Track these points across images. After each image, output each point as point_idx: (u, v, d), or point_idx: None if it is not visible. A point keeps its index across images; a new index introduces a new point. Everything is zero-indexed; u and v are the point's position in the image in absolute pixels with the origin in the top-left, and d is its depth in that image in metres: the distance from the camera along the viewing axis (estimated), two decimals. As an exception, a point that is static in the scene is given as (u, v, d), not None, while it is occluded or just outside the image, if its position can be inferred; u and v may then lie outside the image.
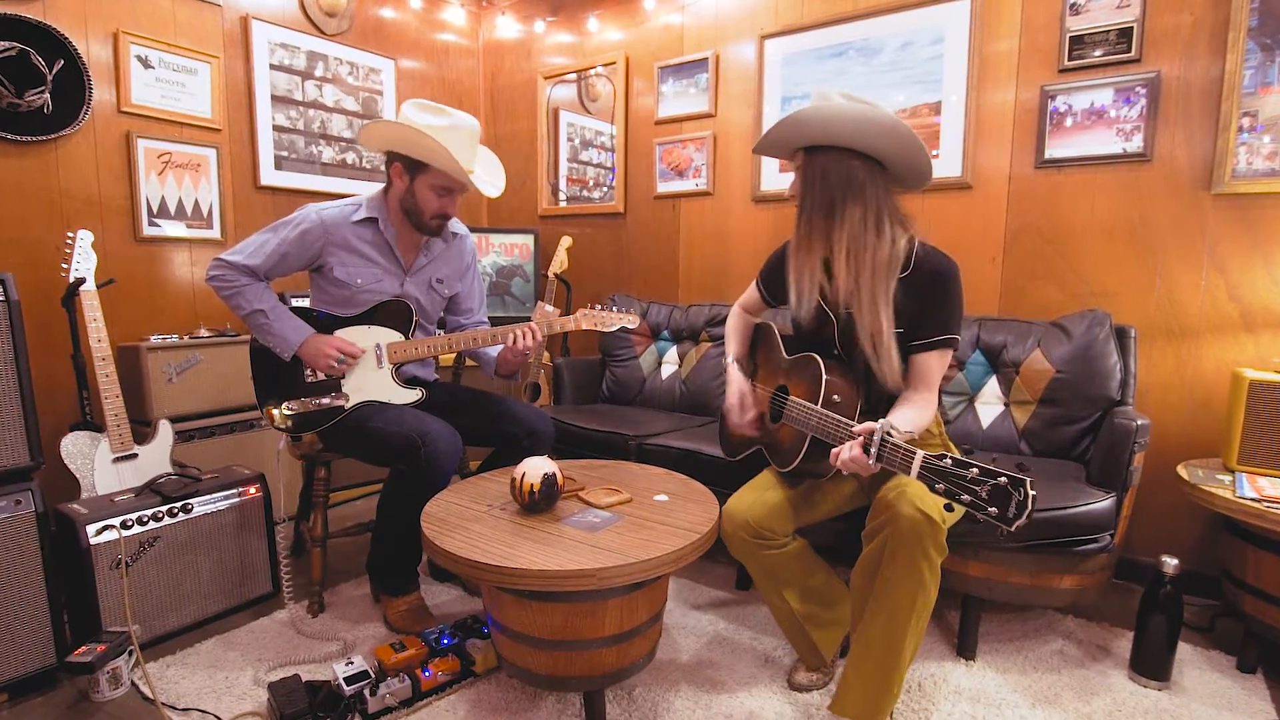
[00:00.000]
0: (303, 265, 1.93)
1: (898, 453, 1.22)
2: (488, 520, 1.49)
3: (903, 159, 1.44)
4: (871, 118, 1.38)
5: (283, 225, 1.90)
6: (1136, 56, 2.15)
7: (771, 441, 1.67)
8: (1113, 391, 1.97)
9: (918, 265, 1.46)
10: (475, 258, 2.20)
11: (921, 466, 1.17)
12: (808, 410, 1.48)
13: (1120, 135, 2.19)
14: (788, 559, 1.56)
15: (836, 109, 1.39)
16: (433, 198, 1.89)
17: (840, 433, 1.36)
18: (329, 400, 1.87)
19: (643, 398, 2.90)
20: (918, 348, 1.47)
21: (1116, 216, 2.23)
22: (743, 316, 1.92)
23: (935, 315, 1.46)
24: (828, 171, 1.43)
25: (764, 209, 2.93)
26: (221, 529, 1.97)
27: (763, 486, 1.59)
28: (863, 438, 1.27)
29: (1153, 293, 2.19)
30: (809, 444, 1.49)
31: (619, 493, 1.64)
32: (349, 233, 1.91)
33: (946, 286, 1.46)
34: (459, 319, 2.21)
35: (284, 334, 1.85)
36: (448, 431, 1.79)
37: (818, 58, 2.70)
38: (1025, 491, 1.04)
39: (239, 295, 1.85)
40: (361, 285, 1.93)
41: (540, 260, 3.51)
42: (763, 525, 1.51)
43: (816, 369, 1.51)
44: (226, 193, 2.81)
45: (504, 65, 3.78)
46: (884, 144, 1.41)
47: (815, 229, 1.47)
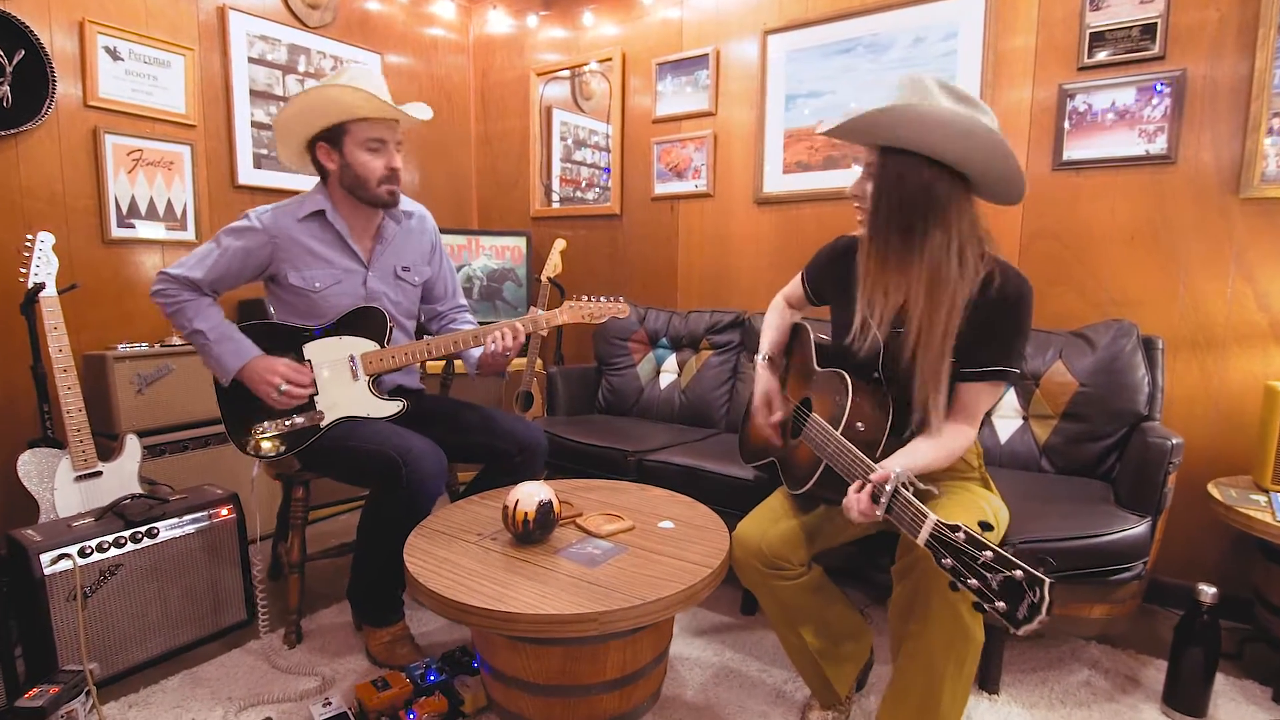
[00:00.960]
0: (252, 275, 1.79)
1: (908, 510, 1.09)
2: (477, 553, 1.36)
3: (995, 179, 1.25)
4: (969, 129, 1.17)
5: (225, 233, 1.76)
6: (1160, 54, 2.05)
7: (786, 458, 1.55)
8: (1140, 406, 1.87)
9: (987, 286, 1.27)
10: (439, 237, 2.06)
11: (931, 534, 1.04)
12: (826, 435, 1.35)
13: (1143, 136, 2.09)
14: (803, 590, 1.44)
15: (933, 113, 1.16)
16: (369, 159, 1.73)
17: (855, 469, 1.23)
18: (304, 419, 1.74)
19: (640, 408, 2.78)
20: (971, 375, 1.30)
21: (1138, 221, 2.13)
22: (784, 310, 1.76)
23: (997, 343, 1.28)
24: (904, 181, 1.23)
25: (767, 211, 2.81)
26: (191, 555, 1.83)
27: (777, 511, 1.47)
28: (873, 484, 1.15)
29: (1177, 301, 2.09)
30: (822, 471, 1.37)
31: (620, 519, 1.52)
32: (297, 232, 1.77)
33: (1017, 313, 1.28)
34: (435, 307, 2.09)
35: (221, 358, 1.70)
36: (431, 450, 1.66)
37: (824, 54, 2.59)
38: (1041, 594, 0.91)
39: (179, 313, 1.72)
40: (321, 289, 1.79)
41: (533, 264, 3.38)
42: (777, 554, 1.39)
43: (843, 390, 1.38)
44: (202, 192, 2.66)
45: (495, 62, 3.65)
46: (978, 162, 1.21)
47: (891, 250, 1.27)
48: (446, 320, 2.09)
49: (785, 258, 2.78)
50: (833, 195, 2.62)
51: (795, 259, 2.75)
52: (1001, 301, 1.27)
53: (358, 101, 1.67)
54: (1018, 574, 0.92)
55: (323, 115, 1.70)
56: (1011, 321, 1.28)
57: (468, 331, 1.82)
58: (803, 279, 1.71)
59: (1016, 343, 1.30)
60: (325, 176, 1.81)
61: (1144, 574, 1.60)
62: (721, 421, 2.59)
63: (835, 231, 2.66)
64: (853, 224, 2.20)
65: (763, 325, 1.78)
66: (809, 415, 1.47)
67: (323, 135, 1.74)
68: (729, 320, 2.68)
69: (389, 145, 1.76)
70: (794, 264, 2.75)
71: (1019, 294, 1.28)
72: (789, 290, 1.77)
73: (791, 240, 2.76)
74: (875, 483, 1.15)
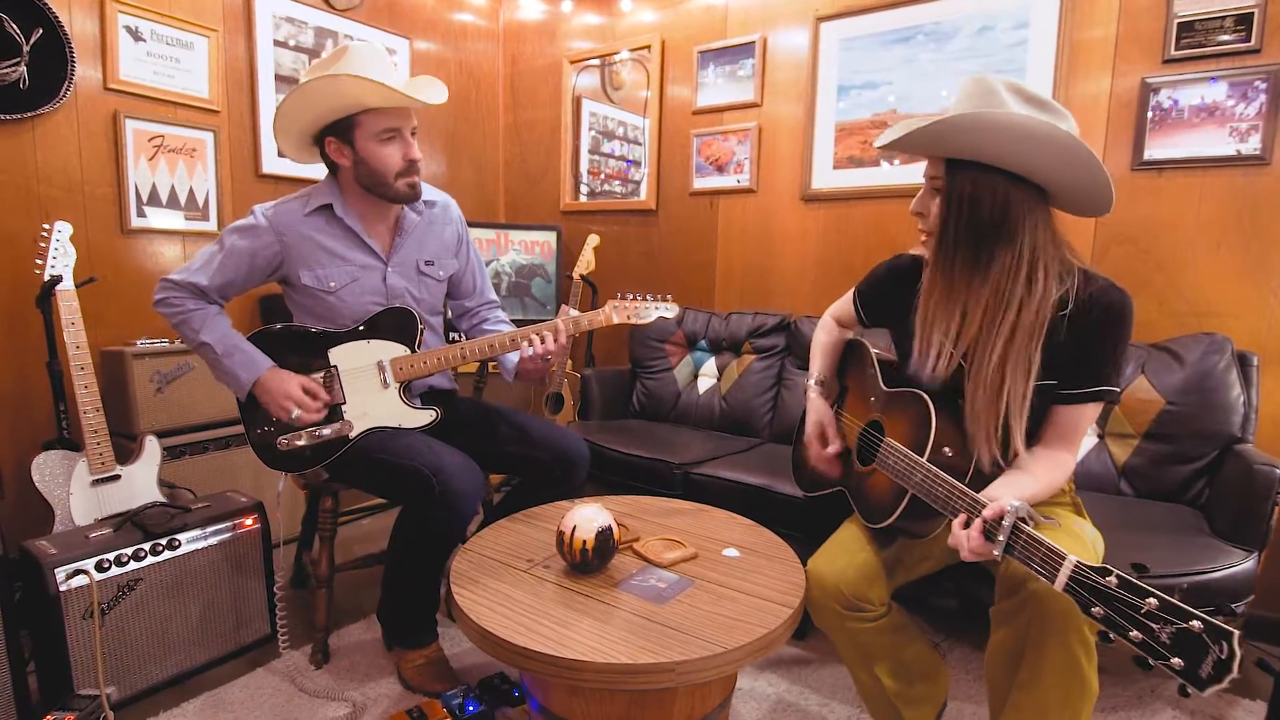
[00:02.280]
0: (262, 278, 1.66)
1: (1035, 550, 0.95)
2: (529, 583, 1.25)
3: (1077, 191, 1.13)
4: (1048, 137, 1.06)
5: (230, 232, 1.63)
6: (1256, 46, 1.90)
7: (858, 488, 1.42)
8: (1234, 428, 1.73)
9: (1081, 301, 1.16)
10: (465, 227, 1.91)
11: (1072, 578, 0.90)
12: (910, 462, 1.22)
13: (1234, 135, 1.94)
14: (882, 632, 1.31)
15: (1007, 121, 1.05)
16: (384, 151, 1.58)
17: (954, 501, 1.10)
18: (331, 431, 1.62)
19: (678, 413, 2.65)
20: (1069, 398, 1.19)
21: (1226, 227, 1.98)
22: (834, 329, 1.64)
23: (1095, 361, 1.17)
24: (977, 196, 1.12)
25: (815, 209, 2.67)
26: (213, 567, 1.73)
27: (853, 546, 1.34)
28: (986, 520, 1.02)
29: (1267, 314, 1.94)
30: (908, 501, 1.24)
31: (681, 545, 1.39)
32: (305, 228, 1.64)
33: (1116, 328, 1.16)
34: (463, 303, 1.95)
35: (235, 371, 1.58)
36: (466, 466, 1.54)
37: (881, 43, 2.44)
38: (1230, 648, 0.77)
39: (185, 324, 1.59)
40: (337, 288, 1.67)
41: (563, 259, 3.26)
42: (858, 595, 1.26)
43: (924, 411, 1.25)
44: (224, 181, 2.55)
45: (525, 49, 3.51)
46: (1058, 172, 1.10)
47: (960, 272, 1.16)
48: (477, 319, 1.96)
49: (833, 258, 2.64)
50: (887, 193, 2.48)
51: (844, 260, 2.62)
52: (1100, 315, 1.16)
53: (362, 91, 1.51)
54: (1196, 625, 0.79)
55: (327, 109, 1.55)
56: (1110, 336, 1.17)
57: (505, 334, 1.69)
58: (855, 299, 1.57)
59: (1116, 359, 1.18)
60: (336, 171, 1.68)
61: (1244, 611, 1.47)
62: (765, 431, 2.46)
63: (889, 232, 2.57)
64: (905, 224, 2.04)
65: (811, 347, 1.65)
66: (882, 439, 1.34)
67: (330, 129, 1.59)
68: (774, 323, 2.55)
69: (404, 134, 1.61)
70: (842, 266, 2.63)
71: (1118, 306, 1.17)
72: (838, 310, 1.64)
73: (841, 240, 2.62)
74: (989, 518, 1.02)
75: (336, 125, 1.59)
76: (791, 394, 2.43)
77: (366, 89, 1.50)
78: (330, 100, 1.53)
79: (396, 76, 1.58)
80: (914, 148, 1.18)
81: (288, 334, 1.67)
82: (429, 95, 1.61)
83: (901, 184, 2.43)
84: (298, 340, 1.66)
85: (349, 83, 1.49)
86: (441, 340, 1.88)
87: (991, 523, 1.02)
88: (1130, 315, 1.18)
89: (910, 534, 1.34)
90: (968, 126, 1.07)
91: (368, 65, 1.52)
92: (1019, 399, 1.15)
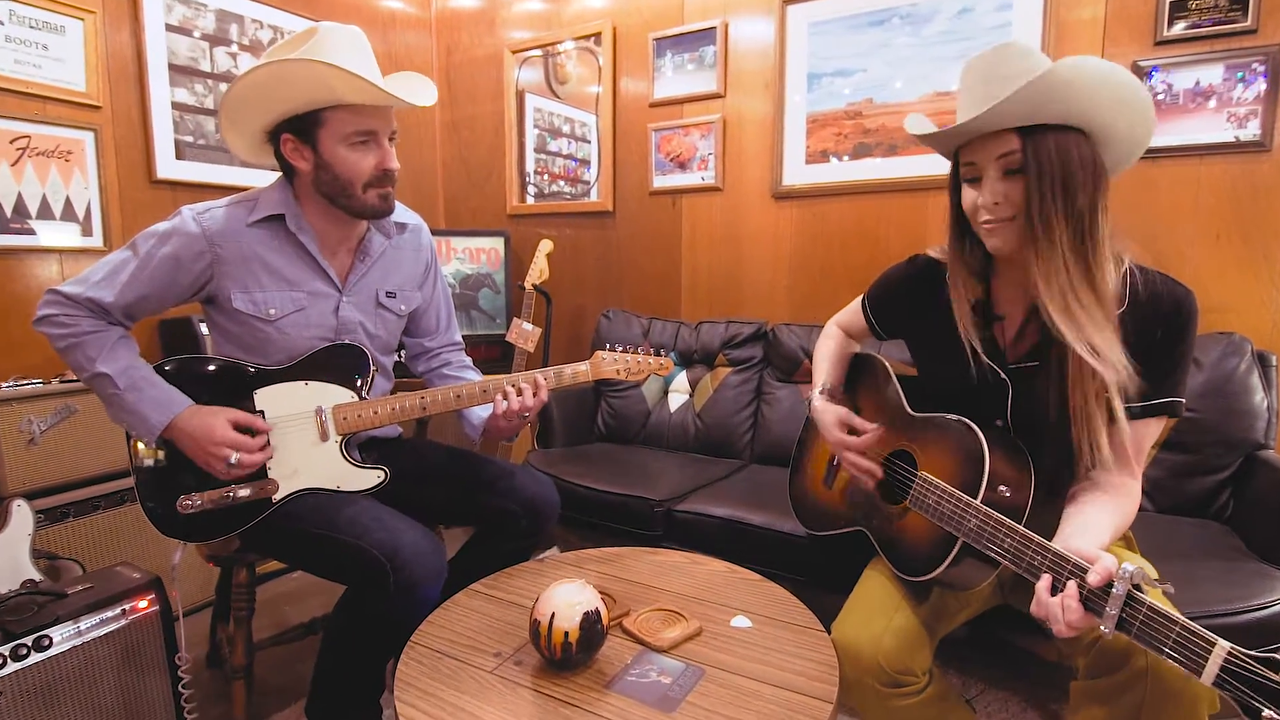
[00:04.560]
0: (183, 295, 1.32)
1: (1166, 631, 0.75)
2: (497, 690, 0.98)
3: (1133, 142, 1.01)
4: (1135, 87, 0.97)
5: (146, 238, 1.29)
6: (1253, 26, 1.79)
7: (884, 531, 1.21)
8: (1258, 434, 1.61)
9: (1136, 295, 1.02)
10: (435, 255, 1.61)
11: (1224, 670, 0.70)
12: (960, 505, 1.02)
13: (1232, 121, 1.83)
14: (929, 704, 1.10)
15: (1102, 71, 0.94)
16: (354, 156, 1.27)
17: (1031, 558, 0.91)
18: (250, 491, 1.31)
19: (648, 435, 2.42)
20: (1135, 411, 1.01)
21: (1225, 217, 1.87)
22: (841, 337, 1.45)
23: (1164, 366, 1.01)
24: (1067, 160, 0.96)
25: (787, 207, 2.48)
26: (97, 666, 1.39)
27: (886, 604, 1.13)
28: (1090, 588, 0.82)
29: (1271, 308, 1.84)
30: (959, 550, 1.04)
31: (681, 618, 1.15)
32: (248, 241, 1.32)
33: (1186, 328, 1.02)
34: (423, 342, 1.65)
35: (140, 410, 1.24)
36: (427, 545, 1.25)
37: (853, 27, 2.26)
38: None
39: (78, 348, 1.24)
40: (277, 317, 1.34)
41: (512, 266, 2.98)
42: (899, 666, 1.05)
43: (974, 444, 1.06)
44: (110, 188, 2.18)
45: (461, 38, 3.21)
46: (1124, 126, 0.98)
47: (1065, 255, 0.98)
48: (437, 361, 1.66)
49: (809, 261, 2.45)
50: (865, 188, 2.30)
51: (821, 263, 2.43)
52: (1170, 311, 1.02)
53: (334, 82, 1.20)
54: None
55: (286, 99, 1.24)
56: (1182, 337, 1.02)
57: (474, 383, 1.40)
58: (865, 309, 1.38)
59: (1186, 365, 1.04)
60: (292, 175, 1.36)
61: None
62: (746, 452, 2.25)
63: (867, 230, 2.38)
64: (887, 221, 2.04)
65: (815, 355, 1.46)
66: (915, 475, 1.14)
67: (289, 125, 1.28)
68: (750, 332, 2.34)
69: (380, 139, 1.31)
70: (819, 269, 2.44)
71: (1188, 304, 1.02)
72: (846, 320, 1.45)
73: (816, 241, 2.43)
74: (1095, 586, 0.82)
75: (298, 121, 1.27)
76: (772, 410, 2.23)
77: (337, 79, 1.19)
78: (294, 89, 1.21)
79: (377, 70, 1.28)
80: (991, 121, 0.98)
81: (199, 368, 1.34)
82: (417, 95, 1.31)
83: (881, 178, 2.26)
84: (213, 377, 1.34)
85: (317, 69, 1.17)
86: (391, 382, 1.59)
87: (1096, 591, 0.82)
88: (1198, 315, 1.03)
89: (954, 586, 1.14)
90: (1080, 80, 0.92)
91: (343, 52, 1.21)
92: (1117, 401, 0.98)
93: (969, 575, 1.08)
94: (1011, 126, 0.98)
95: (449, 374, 1.65)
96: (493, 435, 1.49)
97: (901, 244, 2.25)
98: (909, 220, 2.25)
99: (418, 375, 1.71)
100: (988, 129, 1.00)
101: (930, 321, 1.20)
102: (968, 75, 1.05)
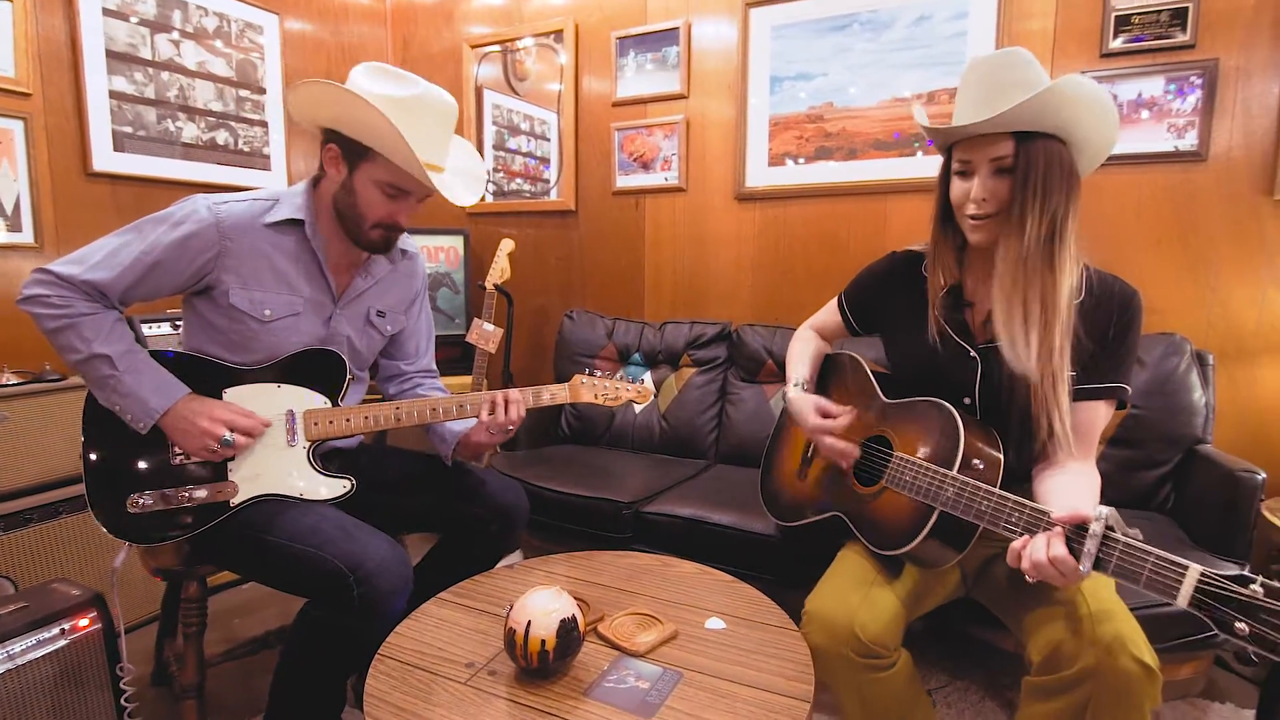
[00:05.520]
0: (179, 285, 1.28)
1: (1141, 562, 0.82)
2: (472, 702, 0.96)
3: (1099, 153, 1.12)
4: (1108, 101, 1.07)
5: (153, 223, 1.25)
6: (1191, 41, 1.88)
7: (859, 512, 1.25)
8: (1197, 429, 1.70)
9: (1091, 290, 1.13)
10: (426, 284, 1.61)
11: (1199, 592, 0.77)
12: (937, 476, 1.08)
13: (1172, 131, 1.92)
14: (897, 683, 1.12)
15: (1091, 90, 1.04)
16: (379, 199, 1.29)
17: (1007, 515, 0.97)
18: (207, 493, 1.25)
19: (612, 436, 2.40)
20: (1087, 393, 1.11)
21: (1166, 223, 1.96)
22: (813, 339, 1.51)
23: (1113, 356, 1.12)
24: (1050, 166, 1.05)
25: (750, 209, 2.50)
26: (33, 690, 1.30)
27: (863, 578, 1.17)
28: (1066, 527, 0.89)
29: (1205, 309, 1.94)
30: (938, 519, 1.08)
31: (656, 621, 1.15)
32: (260, 240, 1.30)
33: (1131, 321, 1.13)
34: (398, 364, 1.61)
35: (140, 393, 1.20)
36: (393, 557, 1.20)
37: (815, 31, 2.29)
38: None
39: (71, 329, 1.19)
40: (271, 318, 1.31)
41: (471, 265, 2.92)
42: (876, 637, 1.07)
43: (949, 421, 1.13)
44: (42, 181, 2.05)
45: (418, 32, 3.14)
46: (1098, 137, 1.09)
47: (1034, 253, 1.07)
48: (409, 384, 1.61)
49: (772, 262, 2.48)
50: (827, 191, 2.34)
51: (784, 264, 2.46)
52: (1117, 307, 1.13)
53: (394, 146, 1.22)
54: None
55: (356, 125, 1.25)
56: (1127, 330, 1.13)
57: (451, 399, 1.37)
58: (842, 306, 1.46)
59: (1133, 355, 1.16)
60: (320, 178, 1.35)
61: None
62: (711, 451, 2.26)
63: (828, 232, 2.42)
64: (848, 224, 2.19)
65: (788, 356, 1.51)
66: (891, 455, 1.19)
67: (340, 138, 1.28)
68: (714, 333, 2.35)
69: (409, 200, 1.32)
70: (782, 270, 2.47)
71: (1134, 300, 1.15)
72: (820, 321, 1.52)
73: (779, 241, 2.45)
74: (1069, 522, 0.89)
75: (350, 141, 1.27)
76: (737, 410, 2.24)
77: (394, 144, 1.21)
78: (365, 129, 1.23)
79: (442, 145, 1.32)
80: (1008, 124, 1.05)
81: (177, 362, 1.29)
82: (454, 194, 1.33)
83: (842, 181, 2.30)
84: (185, 371, 1.28)
85: (387, 131, 1.19)
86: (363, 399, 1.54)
87: (1070, 530, 0.88)
88: (1143, 312, 1.15)
89: (924, 562, 1.19)
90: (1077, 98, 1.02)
91: (421, 120, 1.25)
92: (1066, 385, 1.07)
93: (937, 553, 1.13)
94: (1010, 131, 1.06)
95: (421, 394, 1.62)
96: (469, 451, 1.46)
97: (862, 246, 2.30)
98: (869, 223, 2.29)
99: (387, 397, 1.66)
100: (991, 131, 1.07)
101: (907, 303, 1.28)
102: (970, 74, 1.12)
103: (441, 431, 1.48)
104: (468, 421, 1.43)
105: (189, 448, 1.24)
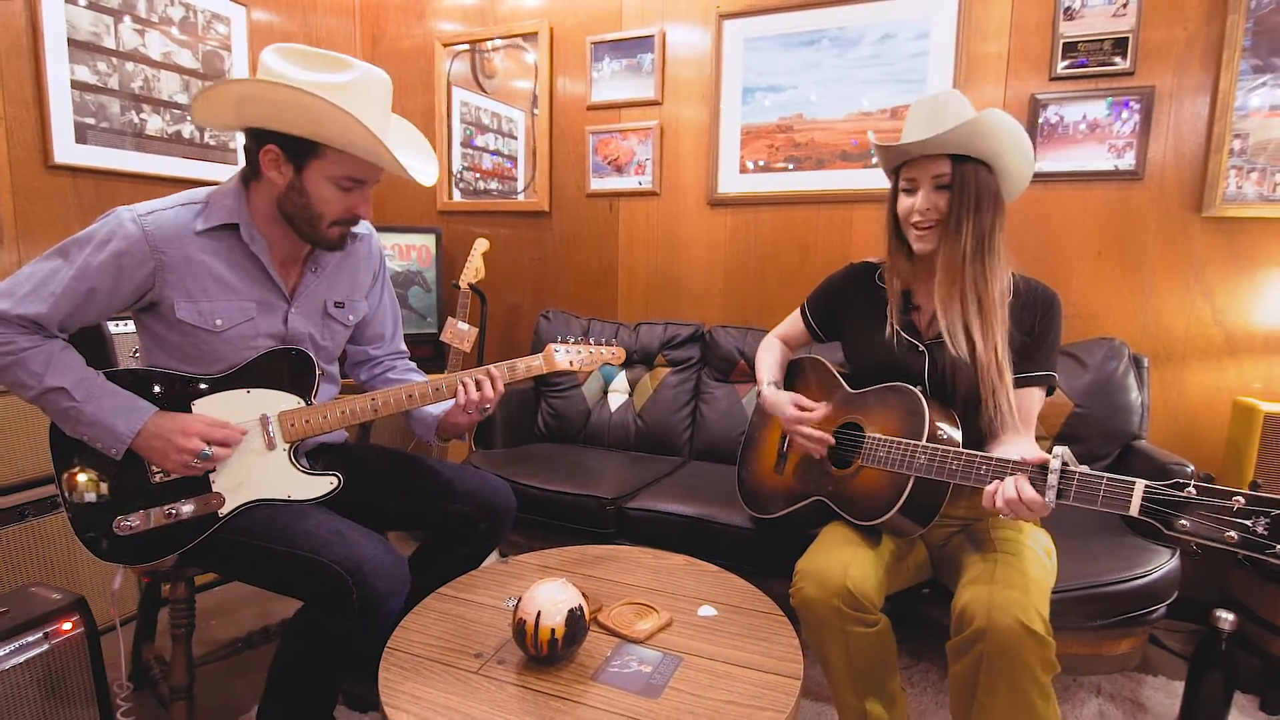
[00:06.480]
0: (122, 305, 1.23)
1: (1096, 486, 0.98)
2: (484, 688, 1.01)
3: (1019, 179, 1.34)
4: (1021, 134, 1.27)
5: (78, 245, 1.18)
6: (1130, 69, 2.04)
7: (839, 493, 1.38)
8: (1134, 427, 1.85)
9: (1017, 292, 1.33)
10: (384, 263, 1.58)
11: (1146, 499, 0.93)
12: (909, 447, 1.23)
13: (1113, 151, 2.08)
14: (878, 642, 1.23)
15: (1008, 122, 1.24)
16: (334, 195, 1.25)
17: (977, 468, 1.13)
18: (194, 507, 1.25)
19: (589, 434, 2.45)
20: (1020, 382, 1.29)
21: (1106, 236, 2.13)
22: (780, 348, 1.67)
23: (1040, 348, 1.31)
24: (980, 187, 1.26)
25: (722, 214, 2.58)
26: (16, 697, 1.29)
27: (851, 542, 1.28)
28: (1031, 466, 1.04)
29: (1139, 316, 2.11)
30: (912, 486, 1.22)
31: (652, 610, 1.21)
32: (195, 250, 1.24)
33: (1056, 319, 1.33)
34: (367, 350, 1.62)
35: (105, 420, 1.17)
36: (389, 557, 1.22)
37: (786, 45, 2.38)
38: None
39: (17, 365, 1.14)
40: (224, 328, 1.28)
41: (443, 265, 2.93)
42: (863, 591, 1.19)
43: (914, 401, 1.29)
44: (0, 174, 1.98)
45: (388, 28, 3.11)
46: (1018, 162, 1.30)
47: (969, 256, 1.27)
48: (380, 368, 1.62)
49: (742, 266, 2.57)
50: (796, 198, 2.44)
51: (754, 268, 2.55)
52: (1039, 305, 1.32)
53: (356, 136, 1.17)
54: None
55: (294, 123, 1.18)
56: (1053, 325, 1.32)
57: (426, 382, 1.38)
58: (805, 314, 1.63)
59: (1057, 347, 1.34)
60: (252, 179, 1.28)
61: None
62: (686, 449, 2.34)
63: (797, 237, 2.53)
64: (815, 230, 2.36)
65: (757, 364, 1.66)
66: (864, 437, 1.34)
67: (279, 139, 1.21)
68: (688, 334, 2.43)
69: (367, 187, 1.29)
70: (753, 274, 2.56)
71: (1055, 300, 1.34)
72: (785, 330, 1.69)
73: (749, 246, 2.54)
74: (1033, 462, 1.04)
75: (292, 140, 1.20)
76: (710, 408, 2.32)
77: (356, 134, 1.15)
78: (310, 120, 1.16)
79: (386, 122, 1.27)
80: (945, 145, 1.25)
81: (129, 381, 1.25)
82: (421, 173, 1.30)
83: (810, 190, 2.40)
84: (149, 389, 1.25)
85: (336, 114, 1.12)
86: (338, 391, 1.54)
87: (1033, 469, 1.03)
88: (1062, 310, 1.35)
89: (901, 531, 1.33)
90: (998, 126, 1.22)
91: (374, 105, 1.20)
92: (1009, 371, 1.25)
93: (906, 526, 1.29)
94: (947, 153, 1.25)
95: (394, 378, 1.62)
96: (448, 431, 1.49)
97: (828, 252, 2.41)
98: (835, 229, 2.40)
99: (360, 383, 1.67)
100: (930, 151, 1.25)
101: (865, 307, 1.45)
102: (918, 107, 1.30)
103: (421, 415, 1.50)
104: (446, 403, 1.43)
105: (167, 466, 1.21)
